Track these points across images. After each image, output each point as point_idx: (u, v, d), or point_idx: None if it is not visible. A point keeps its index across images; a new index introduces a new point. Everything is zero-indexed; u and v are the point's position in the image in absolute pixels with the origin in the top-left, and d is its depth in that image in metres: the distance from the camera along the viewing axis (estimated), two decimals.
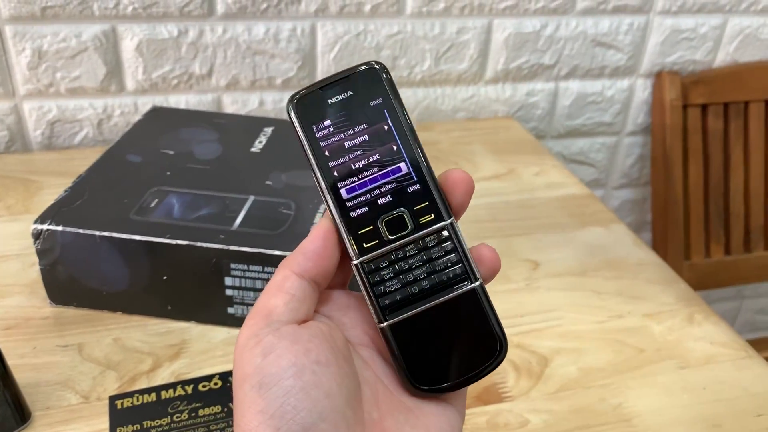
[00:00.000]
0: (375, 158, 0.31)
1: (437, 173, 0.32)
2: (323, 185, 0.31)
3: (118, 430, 0.49)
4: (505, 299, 0.64)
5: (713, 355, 0.59)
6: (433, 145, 0.92)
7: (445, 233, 0.31)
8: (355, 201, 0.31)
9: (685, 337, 0.61)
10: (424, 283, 0.31)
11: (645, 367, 0.58)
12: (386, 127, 0.31)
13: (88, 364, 0.54)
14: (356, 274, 0.31)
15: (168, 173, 0.63)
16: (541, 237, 0.73)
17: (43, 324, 0.58)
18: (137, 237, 0.54)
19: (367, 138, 0.31)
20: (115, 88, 0.86)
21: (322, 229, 0.31)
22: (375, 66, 0.32)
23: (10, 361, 0.48)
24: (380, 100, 0.31)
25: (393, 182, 0.31)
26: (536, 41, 0.97)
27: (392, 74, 0.93)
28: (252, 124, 0.73)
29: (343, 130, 0.31)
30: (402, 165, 0.31)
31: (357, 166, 0.31)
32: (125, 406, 0.50)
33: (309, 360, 0.28)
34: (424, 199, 0.31)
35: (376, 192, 0.31)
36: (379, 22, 0.91)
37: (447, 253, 0.31)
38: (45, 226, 0.55)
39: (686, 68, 1.05)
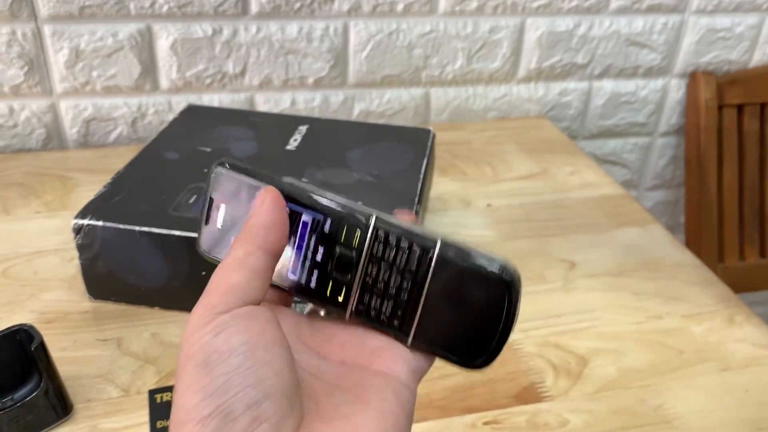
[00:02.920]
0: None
1: (467, 172, 0.32)
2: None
3: (158, 423, 0.49)
4: (542, 299, 0.64)
5: (755, 358, 0.58)
6: (465, 144, 0.92)
7: (381, 230, 0.30)
8: (304, 274, 0.31)
9: (725, 339, 0.60)
10: (406, 284, 0.30)
11: (685, 368, 0.57)
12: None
13: (126, 358, 0.55)
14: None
15: (205, 170, 0.63)
16: (577, 237, 0.73)
17: (82, 318, 0.59)
18: (176, 232, 0.55)
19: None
20: (149, 86, 0.87)
21: (272, 198, 0.30)
22: (221, 165, 0.31)
23: (52, 354, 0.49)
24: (246, 188, 0.31)
25: (313, 235, 0.31)
26: (569, 40, 0.96)
27: (424, 73, 0.93)
28: (287, 122, 0.74)
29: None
30: (304, 217, 0.31)
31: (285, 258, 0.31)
32: (164, 400, 0.51)
33: (263, 339, 0.27)
34: (341, 222, 0.31)
35: (309, 254, 0.31)
36: (411, 21, 0.91)
37: (397, 244, 0.30)
38: (86, 221, 0.56)
39: (721, 68, 1.04)
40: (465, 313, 0.30)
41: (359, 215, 0.31)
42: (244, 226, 0.30)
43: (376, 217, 0.31)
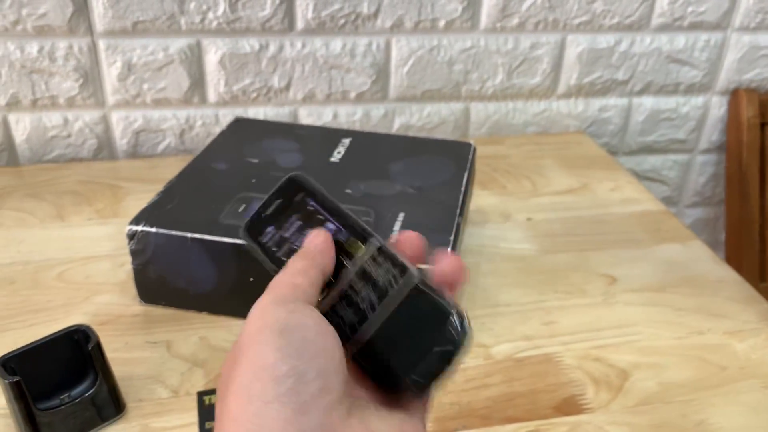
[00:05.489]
0: (307, 232, 0.36)
1: (507, 186, 0.34)
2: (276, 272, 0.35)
3: (206, 424, 0.50)
4: (582, 313, 0.64)
5: None
6: (504, 159, 0.92)
7: (378, 253, 0.34)
8: None
9: None
10: (374, 303, 0.33)
11: (728, 384, 0.56)
12: (311, 208, 0.36)
13: (176, 360, 0.57)
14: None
15: (253, 180, 0.65)
16: (618, 252, 0.73)
17: (133, 321, 0.61)
18: (226, 239, 0.57)
19: (301, 222, 0.36)
20: (197, 99, 0.90)
21: (325, 234, 0.34)
22: (293, 176, 0.37)
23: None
24: (302, 193, 0.37)
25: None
26: (610, 57, 0.97)
27: (464, 88, 0.95)
28: (330, 135, 0.75)
29: (281, 226, 0.37)
30: (328, 224, 0.36)
31: (296, 245, 0.36)
32: (213, 402, 0.52)
33: (326, 329, 0.30)
34: (349, 235, 0.35)
35: None
36: (452, 37, 0.92)
37: (382, 264, 0.33)
38: (139, 228, 0.58)
39: (764, 86, 1.03)
40: (414, 337, 0.32)
41: (365, 234, 0.35)
42: (303, 249, 0.34)
43: (381, 245, 0.34)
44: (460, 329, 0.32)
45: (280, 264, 0.35)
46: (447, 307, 0.32)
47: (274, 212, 0.37)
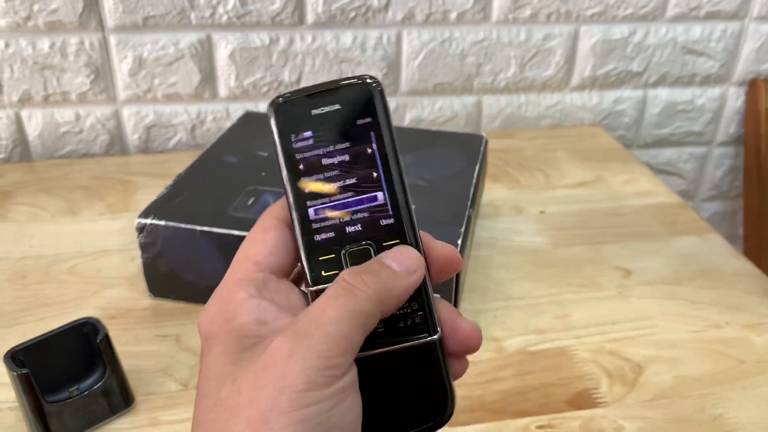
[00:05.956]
0: (351, 182, 0.29)
1: (520, 179, 0.31)
2: (291, 200, 0.29)
3: None
4: (597, 306, 0.63)
5: None
6: (517, 152, 0.91)
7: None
8: (322, 224, 0.29)
9: None
10: (379, 327, 0.28)
11: (746, 378, 0.55)
12: (370, 150, 0.29)
13: (185, 353, 0.56)
14: (310, 302, 0.29)
15: (263, 173, 0.65)
16: (633, 245, 0.72)
17: (143, 315, 0.61)
18: (235, 232, 0.56)
19: (347, 158, 0.29)
20: (208, 94, 0.90)
21: (421, 267, 0.29)
22: (369, 81, 0.29)
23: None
24: (368, 119, 0.29)
25: (366, 211, 0.29)
26: (624, 48, 0.96)
27: (476, 81, 0.94)
28: None
29: (322, 145, 0.29)
30: (379, 194, 0.29)
31: (330, 186, 0.29)
32: None
33: (359, 416, 0.28)
34: (395, 236, 0.29)
35: (346, 218, 0.29)
36: (464, 29, 0.91)
37: (409, 299, 0.28)
38: (149, 221, 0.58)
39: None
40: (398, 397, 0.29)
41: (413, 237, 0.29)
42: (384, 279, 0.27)
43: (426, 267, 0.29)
44: (448, 413, 0.29)
45: (294, 186, 0.29)
46: (448, 385, 0.29)
47: (324, 116, 0.29)
